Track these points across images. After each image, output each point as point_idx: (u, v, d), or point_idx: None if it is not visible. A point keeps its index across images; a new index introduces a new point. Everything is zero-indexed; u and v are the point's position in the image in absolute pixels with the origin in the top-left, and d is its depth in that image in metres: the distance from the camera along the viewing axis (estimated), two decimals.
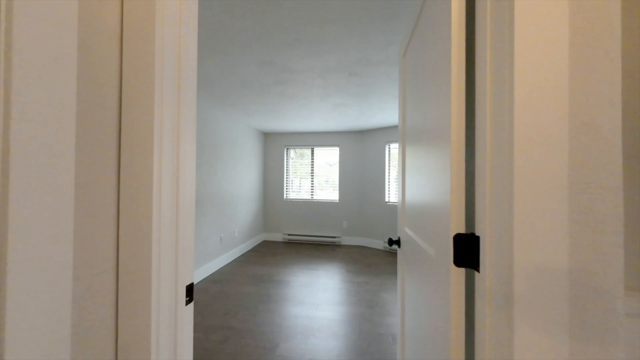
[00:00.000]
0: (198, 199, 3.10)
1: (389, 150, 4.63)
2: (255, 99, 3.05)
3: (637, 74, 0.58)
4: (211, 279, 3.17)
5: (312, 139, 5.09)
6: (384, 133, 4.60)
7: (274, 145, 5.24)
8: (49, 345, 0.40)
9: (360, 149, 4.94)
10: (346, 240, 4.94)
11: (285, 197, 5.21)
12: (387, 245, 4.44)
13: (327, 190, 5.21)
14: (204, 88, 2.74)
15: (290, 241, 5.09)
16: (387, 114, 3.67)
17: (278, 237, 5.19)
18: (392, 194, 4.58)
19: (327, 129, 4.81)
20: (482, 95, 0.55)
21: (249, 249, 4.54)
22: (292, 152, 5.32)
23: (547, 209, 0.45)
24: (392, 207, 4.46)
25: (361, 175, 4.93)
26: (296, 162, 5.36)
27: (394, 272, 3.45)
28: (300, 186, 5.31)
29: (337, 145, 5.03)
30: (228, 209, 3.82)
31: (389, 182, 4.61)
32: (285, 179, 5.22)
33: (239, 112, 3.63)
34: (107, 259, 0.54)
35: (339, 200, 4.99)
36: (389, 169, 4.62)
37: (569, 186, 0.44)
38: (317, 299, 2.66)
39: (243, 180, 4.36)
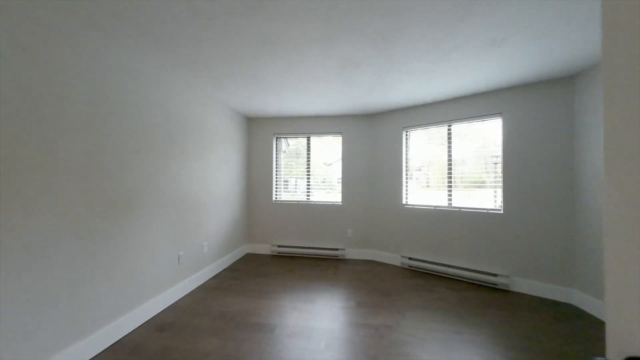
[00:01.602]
0: (132, 200, 2.03)
1: (407, 139, 3.61)
2: (218, 50, 1.99)
3: None
4: (156, 323, 2.10)
5: (308, 125, 4.05)
6: (401, 116, 3.59)
7: (260, 134, 4.18)
8: None
9: (370, 137, 3.91)
10: (351, 253, 3.90)
11: (274, 198, 4.15)
12: (405, 259, 3.42)
13: (327, 190, 4.17)
14: (142, 35, 1.69)
15: (281, 254, 4.03)
16: (411, 84, 2.65)
17: (265, 249, 4.13)
18: (411, 194, 3.56)
19: (327, 112, 3.78)
20: None
21: (226, 266, 3.47)
22: (283, 144, 4.27)
23: None
24: (412, 212, 3.44)
25: (371, 171, 3.90)
26: (291, 161, 4.31)
27: (426, 305, 2.41)
28: (296, 186, 4.25)
29: (340, 133, 4.00)
30: (192, 215, 2.75)
31: (406, 178, 3.59)
32: (274, 176, 4.16)
33: (202, 78, 2.57)
34: None
35: (342, 202, 3.96)
36: (406, 162, 3.60)
37: None
38: None
39: (217, 177, 3.29)
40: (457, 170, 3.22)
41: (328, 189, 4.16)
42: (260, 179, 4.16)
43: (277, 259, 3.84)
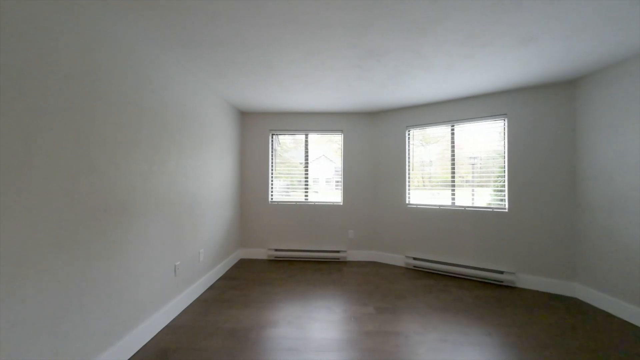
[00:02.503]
0: (126, 202, 1.69)
1: (410, 138, 3.58)
2: (229, 29, 1.73)
3: None
4: (156, 349, 1.76)
5: (307, 122, 3.85)
6: (404, 114, 3.55)
7: (255, 130, 3.88)
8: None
9: (372, 135, 3.82)
10: (353, 255, 3.78)
11: (270, 199, 3.88)
12: (410, 260, 3.38)
13: (326, 190, 4.01)
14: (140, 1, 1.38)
15: (279, 259, 3.78)
16: (425, 80, 2.59)
17: (261, 254, 3.84)
18: (414, 194, 3.53)
19: (328, 108, 3.62)
20: None
21: (221, 275, 3.14)
22: (274, 143, 4.00)
23: None
24: (416, 211, 3.41)
25: (372, 170, 3.81)
26: (286, 160, 4.06)
27: (445, 307, 2.36)
28: (290, 187, 4.01)
29: (341, 131, 3.86)
30: (188, 218, 2.42)
31: (409, 178, 3.56)
32: (270, 176, 3.89)
33: (203, 64, 2.27)
34: None
35: (343, 203, 3.81)
36: (409, 162, 3.57)
37: None
38: None
39: (213, 177, 2.96)
40: (458, 170, 3.25)
41: (330, 188, 3.99)
42: (255, 179, 3.86)
43: (275, 264, 3.58)
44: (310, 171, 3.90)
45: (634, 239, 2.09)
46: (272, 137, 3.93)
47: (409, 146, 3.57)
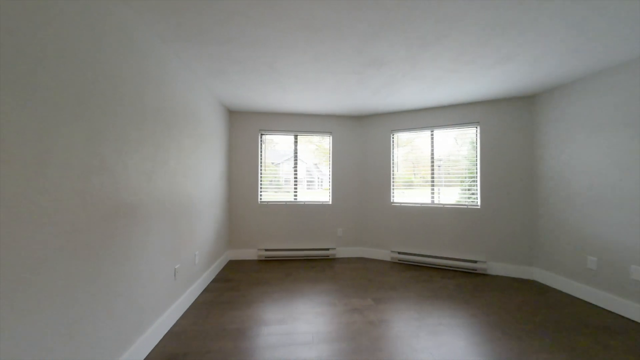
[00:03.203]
0: (132, 203, 1.59)
1: (394, 141, 3.81)
2: (239, 27, 1.73)
3: None
4: (164, 356, 1.67)
5: (297, 123, 3.87)
6: (390, 119, 3.76)
7: (244, 130, 3.79)
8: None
9: (359, 138, 3.98)
10: (342, 251, 3.90)
11: (259, 200, 3.82)
12: (395, 254, 3.60)
13: (315, 190, 4.07)
14: None
15: (269, 258, 3.74)
16: (414, 89, 2.80)
17: (251, 254, 3.76)
18: (397, 193, 3.77)
19: (318, 110, 3.69)
20: None
21: (213, 277, 3.03)
22: (263, 144, 3.96)
23: None
24: (400, 209, 3.65)
25: (360, 171, 3.97)
26: (274, 160, 4.03)
27: (435, 295, 2.58)
28: (277, 186, 4.00)
29: (330, 133, 3.95)
30: (187, 219, 2.31)
31: (393, 178, 3.78)
32: (259, 176, 3.83)
33: (203, 60, 2.19)
34: None
35: (331, 202, 3.91)
36: (394, 163, 3.80)
37: None
38: None
39: (207, 176, 2.84)
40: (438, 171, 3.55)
41: (319, 188, 4.06)
42: (244, 179, 3.77)
43: (267, 264, 3.54)
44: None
45: (579, 229, 2.52)
46: (260, 137, 3.88)
47: (393, 149, 3.80)
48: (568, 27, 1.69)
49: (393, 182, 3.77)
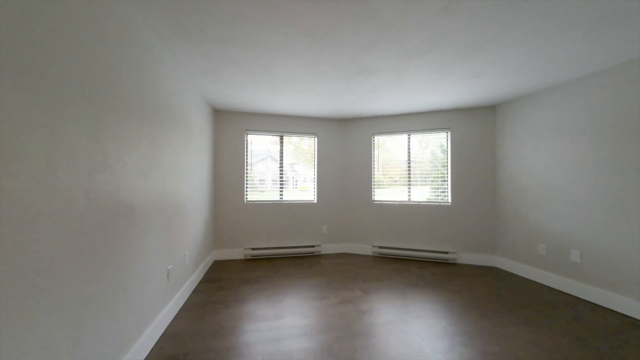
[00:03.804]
0: (131, 202, 1.52)
1: (374, 143, 4.01)
2: (242, 31, 1.75)
3: None
4: (161, 356, 1.62)
5: (283, 124, 3.89)
6: (371, 123, 3.96)
7: (230, 129, 3.71)
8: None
9: (343, 139, 4.12)
10: (327, 248, 4.00)
11: (245, 199, 3.77)
12: (376, 249, 3.79)
13: (290, 190, 4.12)
14: None
15: (256, 257, 3.71)
16: (397, 97, 3.00)
17: (236, 254, 3.70)
18: (378, 191, 3.97)
19: (304, 112, 3.75)
20: None
21: (200, 278, 2.93)
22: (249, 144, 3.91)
23: None
24: (380, 207, 3.86)
25: (343, 171, 4.11)
26: (258, 160, 4.00)
27: (416, 283, 2.79)
28: (265, 185, 3.97)
29: (315, 134, 4.03)
30: (178, 219, 2.23)
31: (374, 178, 3.98)
32: (245, 176, 3.78)
33: (198, 60, 2.14)
34: None
35: (317, 201, 4.00)
36: (375, 164, 4.00)
37: None
38: None
39: (196, 175, 2.76)
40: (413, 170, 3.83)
41: (304, 187, 4.11)
42: (230, 179, 3.69)
43: (254, 263, 3.51)
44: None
45: (531, 221, 2.91)
46: (246, 136, 3.83)
47: (374, 150, 3.99)
48: (523, 54, 1.98)
49: (374, 181, 3.97)
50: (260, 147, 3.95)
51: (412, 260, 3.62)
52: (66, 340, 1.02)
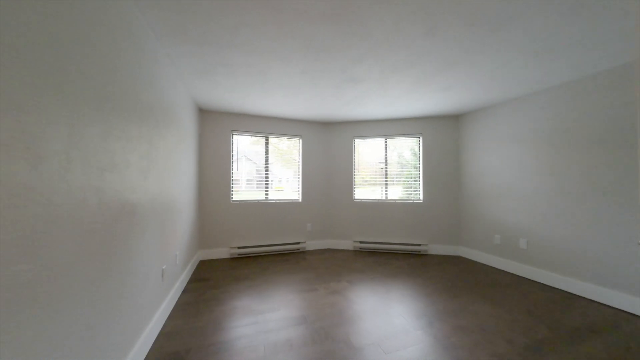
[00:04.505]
0: (133, 202, 1.49)
1: (355, 146, 4.21)
2: (245, 35, 1.80)
3: None
4: (162, 355, 1.60)
5: (268, 125, 3.92)
6: (352, 127, 4.15)
7: (215, 129, 3.64)
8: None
9: (326, 141, 4.25)
10: (311, 244, 4.10)
11: (231, 199, 3.73)
12: (357, 243, 3.99)
13: (275, 189, 4.17)
14: None
15: (242, 255, 3.68)
16: (377, 104, 3.21)
17: (222, 253, 3.64)
18: (358, 191, 4.18)
19: (289, 115, 3.82)
20: None
21: (188, 278, 2.86)
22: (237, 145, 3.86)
23: None
24: (360, 205, 4.07)
25: (326, 171, 4.24)
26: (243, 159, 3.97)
27: (394, 274, 3.02)
28: (251, 184, 3.96)
29: (300, 136, 4.11)
30: (171, 219, 2.18)
31: (355, 178, 4.18)
32: (231, 176, 3.74)
33: (194, 60, 2.12)
34: None
35: (301, 200, 4.08)
36: (355, 165, 4.19)
37: None
38: None
39: (186, 175, 2.69)
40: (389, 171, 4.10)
41: (288, 186, 4.16)
42: (215, 179, 3.62)
43: (241, 261, 3.49)
44: (270, 171, 3.97)
45: (489, 215, 3.32)
46: (232, 136, 3.78)
47: (355, 152, 4.19)
48: (484, 73, 2.29)
49: (354, 181, 4.17)
50: (243, 147, 3.90)
51: (390, 253, 3.88)
52: (81, 341, 1.00)
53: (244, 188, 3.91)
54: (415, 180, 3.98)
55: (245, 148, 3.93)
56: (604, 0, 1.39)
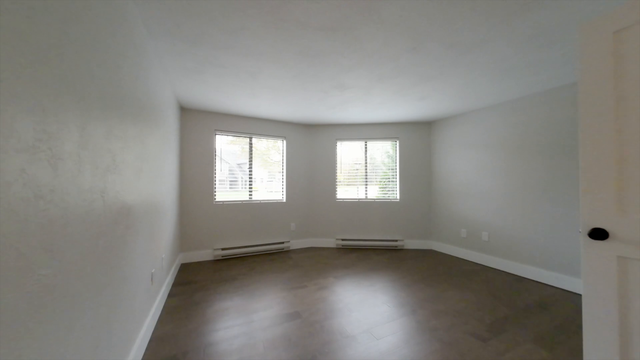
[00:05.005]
0: (129, 203, 1.44)
1: (338, 148, 4.36)
2: (241, 38, 1.82)
3: None
4: (158, 358, 1.55)
5: (252, 126, 3.89)
6: (335, 129, 4.29)
7: (198, 128, 3.52)
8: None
9: (310, 143, 4.33)
10: (295, 243, 4.15)
11: (214, 200, 3.63)
12: (339, 241, 4.14)
13: (239, 190, 4.16)
14: None
15: (227, 257, 3.61)
16: (360, 109, 3.39)
17: (205, 255, 3.53)
18: (340, 190, 4.34)
19: (273, 116, 3.84)
20: None
21: (173, 281, 2.75)
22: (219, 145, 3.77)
23: None
24: (342, 204, 4.23)
25: (310, 172, 4.33)
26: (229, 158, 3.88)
27: (375, 267, 3.21)
28: (232, 185, 3.89)
29: (284, 137, 4.14)
30: (158, 221, 2.10)
31: (337, 178, 4.33)
32: (215, 176, 3.64)
33: (184, 60, 2.07)
34: None
35: (285, 200, 4.11)
36: (338, 166, 4.34)
37: None
38: None
39: (171, 175, 2.58)
40: (368, 171, 4.32)
41: (272, 187, 4.16)
42: (198, 179, 3.50)
43: (226, 263, 3.42)
44: (253, 171, 3.94)
45: (456, 212, 3.68)
46: (215, 137, 3.68)
47: (337, 154, 4.34)
48: (458, 85, 2.57)
49: (337, 181, 4.31)
50: (226, 147, 3.82)
51: (370, 249, 4.09)
52: (89, 346, 0.97)
53: (228, 188, 3.84)
54: (392, 181, 4.25)
55: (228, 148, 3.86)
56: (552, 33, 1.69)
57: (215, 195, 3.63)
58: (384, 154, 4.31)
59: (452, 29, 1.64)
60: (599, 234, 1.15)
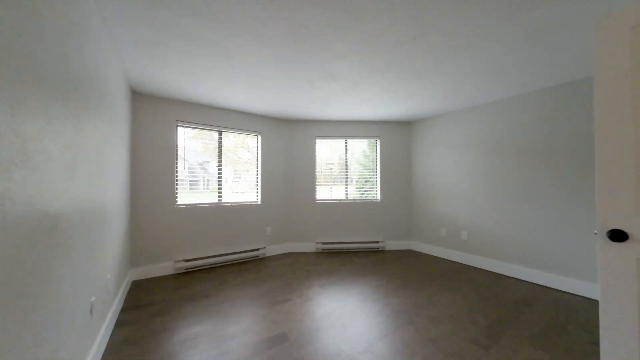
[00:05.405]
0: (53, 216, 1.02)
1: (317, 146, 4.14)
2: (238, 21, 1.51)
3: None
4: None
5: (222, 118, 3.46)
6: (315, 126, 4.07)
7: (155, 118, 2.98)
8: None
9: (287, 140, 4.03)
10: (272, 249, 3.81)
11: (176, 203, 3.13)
12: (320, 245, 3.93)
13: (201, 191, 3.76)
14: None
15: (191, 269, 3.13)
16: (345, 105, 3.22)
17: (165, 269, 3.00)
18: (319, 191, 4.12)
19: (245, 108, 3.47)
20: None
21: (122, 306, 2.23)
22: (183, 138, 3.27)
23: None
24: (322, 205, 4.02)
25: (288, 171, 4.03)
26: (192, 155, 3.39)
27: (359, 271, 3.07)
28: (194, 186, 3.41)
29: (258, 132, 3.78)
30: (99, 234, 1.63)
31: (317, 178, 4.11)
32: (176, 176, 3.14)
33: (134, 22, 1.65)
34: None
35: (260, 202, 3.75)
36: (318, 165, 4.12)
37: None
38: None
39: (118, 174, 2.08)
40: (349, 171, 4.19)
41: (244, 187, 3.76)
42: (154, 179, 2.96)
43: (189, 276, 2.95)
44: (223, 171, 3.51)
45: (436, 211, 3.74)
46: (177, 129, 3.18)
47: (317, 152, 4.11)
48: (443, 85, 2.55)
49: (316, 181, 4.09)
50: (190, 142, 3.33)
51: (352, 252, 3.94)
52: None
53: (188, 189, 3.32)
54: (370, 181, 4.17)
55: (189, 144, 3.36)
56: (551, 33, 1.69)
57: (177, 197, 3.13)
58: (362, 153, 4.22)
59: (458, 20, 1.54)
60: (618, 236, 1.11)
